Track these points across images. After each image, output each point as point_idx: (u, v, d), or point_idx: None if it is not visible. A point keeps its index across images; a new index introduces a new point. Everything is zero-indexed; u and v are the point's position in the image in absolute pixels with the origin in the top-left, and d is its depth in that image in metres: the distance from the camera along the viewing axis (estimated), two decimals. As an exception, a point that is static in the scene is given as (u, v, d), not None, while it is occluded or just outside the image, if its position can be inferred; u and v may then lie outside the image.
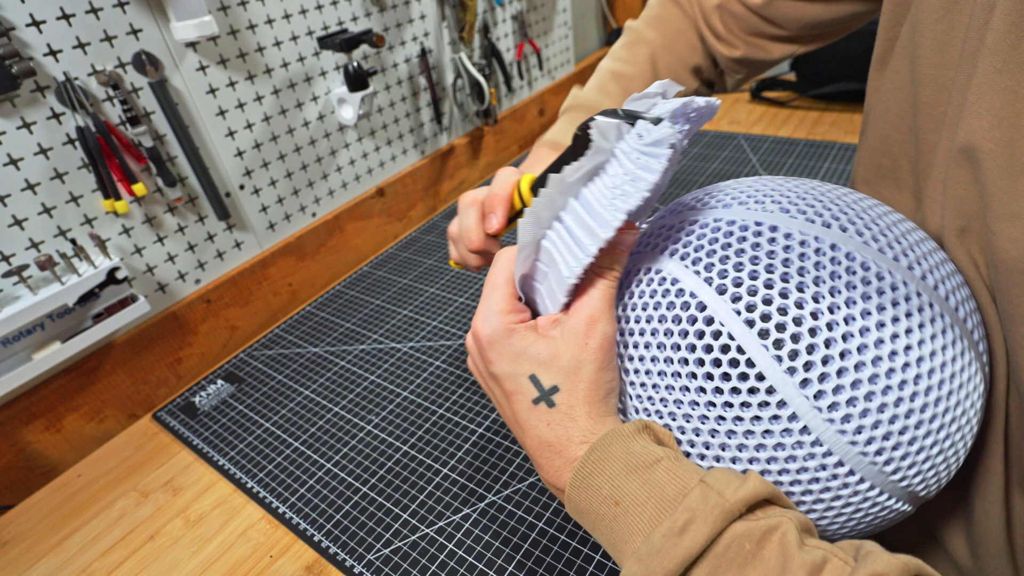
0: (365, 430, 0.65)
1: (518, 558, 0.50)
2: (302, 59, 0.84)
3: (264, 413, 0.69)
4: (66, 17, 0.61)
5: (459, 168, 1.17)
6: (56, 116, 0.61)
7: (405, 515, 0.55)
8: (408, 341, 0.77)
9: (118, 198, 0.66)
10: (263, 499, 0.59)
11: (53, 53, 0.60)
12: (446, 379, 0.70)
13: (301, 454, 0.63)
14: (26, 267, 0.61)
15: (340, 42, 0.81)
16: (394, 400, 0.68)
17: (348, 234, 0.97)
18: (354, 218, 0.97)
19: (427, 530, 0.54)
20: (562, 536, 0.51)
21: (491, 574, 0.49)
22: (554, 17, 1.35)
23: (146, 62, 0.67)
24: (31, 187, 0.61)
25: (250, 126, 0.80)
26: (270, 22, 0.79)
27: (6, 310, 0.59)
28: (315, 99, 0.87)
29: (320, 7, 0.84)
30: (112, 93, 0.65)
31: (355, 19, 0.90)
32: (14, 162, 0.60)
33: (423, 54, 1.02)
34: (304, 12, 0.82)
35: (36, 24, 0.59)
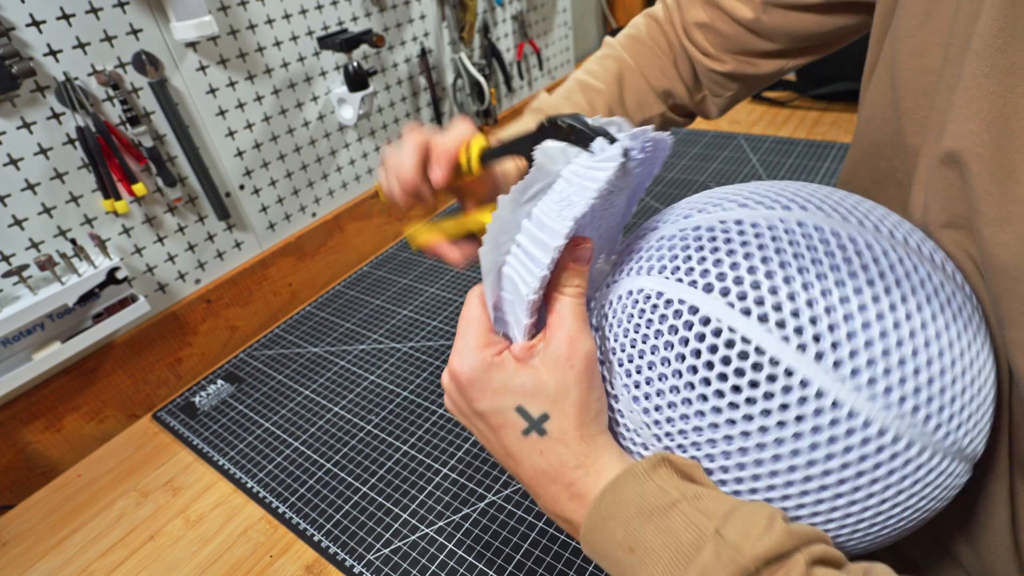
0: (365, 430, 0.65)
1: (518, 558, 0.50)
2: (302, 59, 0.84)
3: (264, 413, 0.69)
4: (66, 17, 0.61)
5: (459, 168, 1.17)
6: (56, 116, 0.61)
7: (405, 515, 0.55)
8: (408, 341, 0.77)
9: (118, 198, 0.66)
10: (263, 499, 0.59)
11: (53, 53, 0.60)
12: (446, 379, 0.70)
13: (301, 454, 0.63)
14: (26, 267, 0.61)
15: (340, 42, 0.81)
16: (394, 400, 0.69)
17: (348, 234, 0.97)
18: (354, 218, 0.97)
19: (427, 530, 0.54)
20: (562, 536, 0.51)
21: (491, 574, 0.49)
22: (554, 17, 1.35)
23: (146, 62, 0.67)
24: (31, 187, 0.61)
25: (250, 126, 0.80)
26: (270, 22, 0.79)
27: (6, 310, 0.59)
28: (315, 99, 0.87)
29: (320, 7, 0.84)
30: (112, 93, 0.65)
31: (355, 19, 0.90)
32: (14, 162, 0.60)
33: (423, 54, 1.02)
34: (304, 12, 0.82)
35: (36, 24, 0.59)
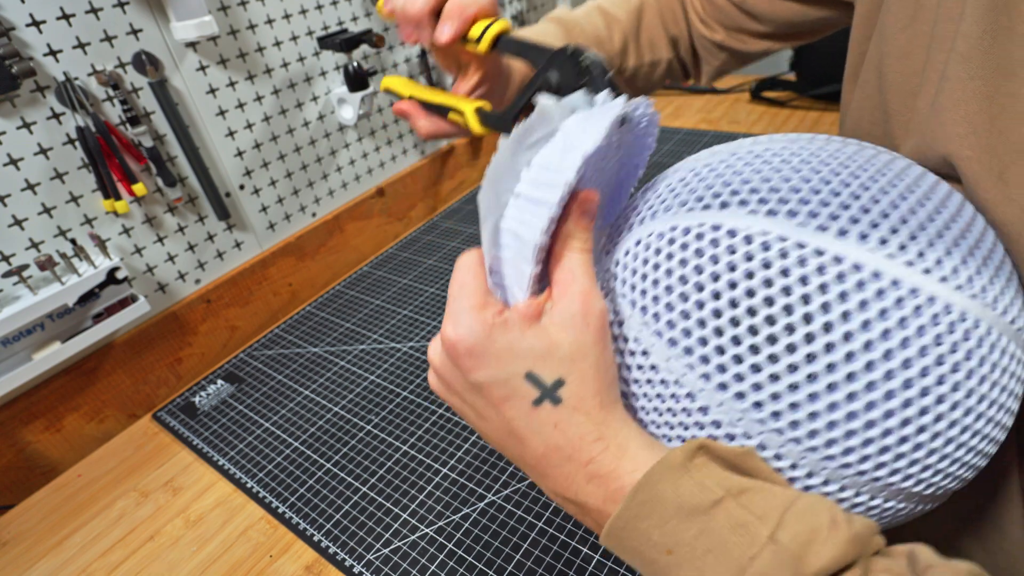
0: (365, 430, 0.65)
1: (518, 558, 0.50)
2: (302, 59, 0.84)
3: (264, 413, 0.69)
4: (66, 17, 0.61)
5: (459, 168, 1.17)
6: (56, 116, 0.61)
7: (405, 515, 0.55)
8: (408, 341, 0.77)
9: (118, 198, 0.66)
10: (263, 499, 0.59)
11: (53, 53, 0.60)
12: (446, 379, 0.70)
13: (301, 454, 0.63)
14: (26, 267, 0.61)
15: (340, 42, 0.81)
16: (394, 400, 0.68)
17: (348, 234, 0.97)
18: (354, 218, 0.97)
19: (427, 530, 0.54)
20: (562, 536, 0.51)
21: (491, 574, 0.49)
22: (554, 17, 1.35)
23: (146, 62, 0.67)
24: (31, 187, 0.61)
25: (250, 126, 0.80)
26: (270, 22, 0.79)
27: (6, 310, 0.59)
28: (315, 99, 0.87)
29: (320, 7, 0.84)
30: (112, 93, 0.65)
31: (355, 19, 0.90)
32: (14, 162, 0.60)
33: (423, 54, 1.02)
34: (304, 12, 0.82)
35: (36, 24, 0.59)
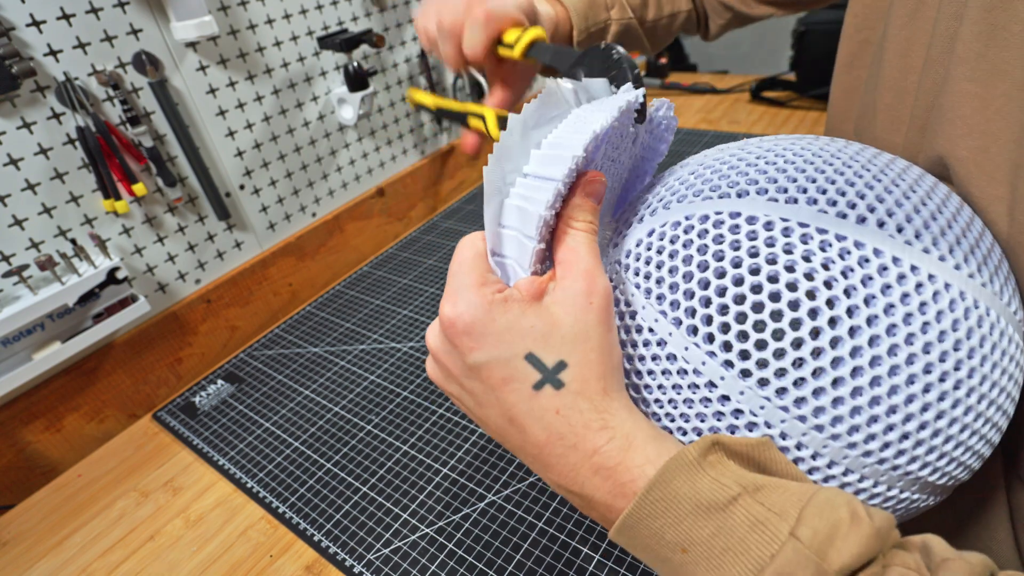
0: (365, 430, 0.65)
1: (518, 558, 0.50)
2: (302, 59, 0.84)
3: (264, 413, 0.69)
4: (66, 17, 0.61)
5: (459, 168, 1.17)
6: (56, 116, 0.61)
7: (405, 515, 0.55)
8: (408, 341, 0.77)
9: (118, 198, 0.66)
10: (263, 499, 0.59)
11: (53, 53, 0.60)
12: (446, 379, 0.70)
13: (301, 454, 0.63)
14: (26, 267, 0.61)
15: (340, 42, 0.81)
16: (394, 400, 0.68)
17: (348, 234, 0.97)
18: (354, 218, 0.97)
19: (427, 530, 0.54)
20: (562, 536, 0.51)
21: (491, 574, 0.49)
22: (554, 17, 1.35)
23: (146, 62, 0.67)
24: (31, 187, 0.61)
25: (250, 126, 0.80)
26: (270, 22, 0.79)
27: (6, 310, 0.59)
28: (315, 99, 0.87)
29: (320, 7, 0.84)
30: (112, 93, 0.65)
31: (355, 19, 0.90)
32: (14, 162, 0.60)
33: (423, 54, 1.02)
34: (304, 12, 0.82)
35: (36, 24, 0.59)
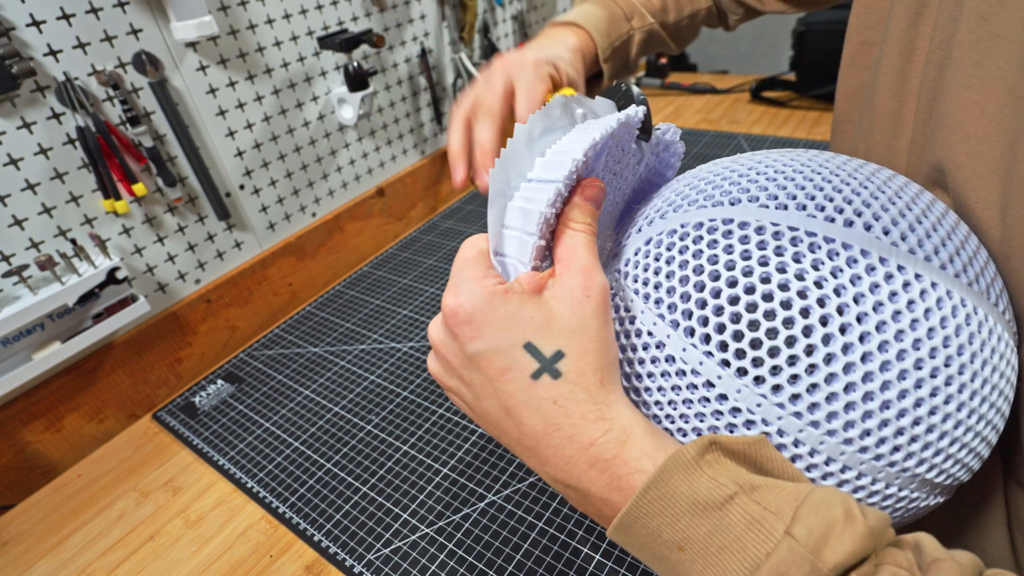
0: (365, 430, 0.65)
1: (518, 558, 0.50)
2: (302, 59, 0.84)
3: (264, 413, 0.69)
4: (66, 17, 0.61)
5: (459, 168, 1.17)
6: (56, 116, 0.61)
7: (405, 515, 0.55)
8: (408, 341, 0.77)
9: (118, 198, 0.66)
10: (263, 499, 0.59)
11: (53, 53, 0.60)
12: (446, 379, 0.70)
13: (301, 454, 0.63)
14: (26, 267, 0.61)
15: (340, 42, 0.81)
16: (394, 400, 0.68)
17: (348, 234, 0.97)
18: (354, 218, 0.97)
19: (427, 530, 0.54)
20: (562, 536, 0.51)
21: (491, 574, 0.49)
22: (554, 17, 1.35)
23: (146, 62, 0.67)
24: (31, 187, 0.61)
25: (250, 126, 0.80)
26: (270, 22, 0.79)
27: (6, 310, 0.59)
28: (315, 99, 0.87)
29: (320, 7, 0.84)
30: (112, 93, 0.65)
31: (355, 19, 0.90)
32: (14, 162, 0.60)
33: (423, 54, 1.02)
34: (304, 12, 0.82)
35: (36, 24, 0.59)
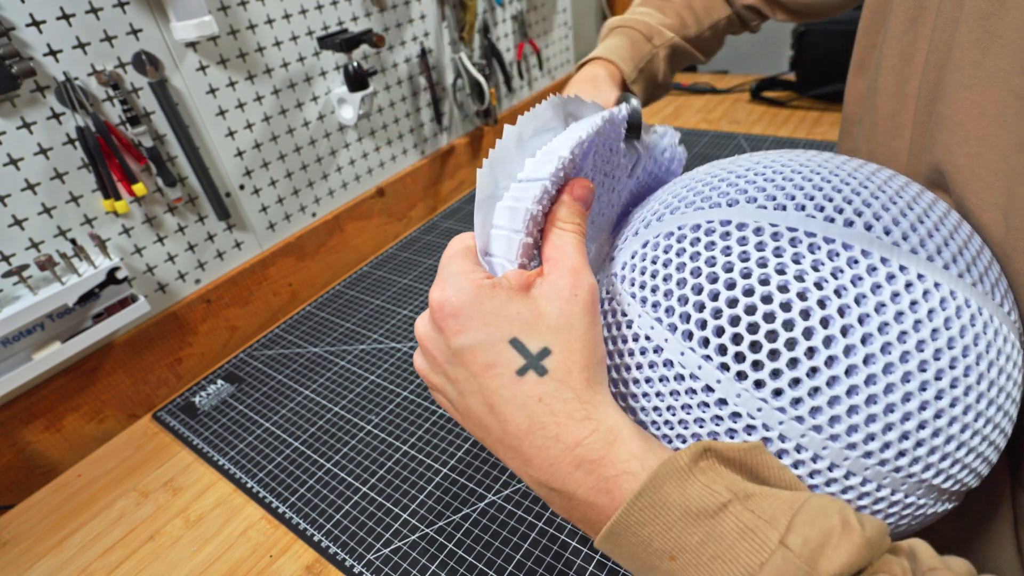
0: (365, 430, 0.65)
1: (518, 558, 0.50)
2: (302, 59, 0.84)
3: (264, 413, 0.69)
4: (66, 17, 0.61)
5: (459, 168, 1.17)
6: (56, 116, 0.61)
7: (405, 515, 0.55)
8: (408, 341, 0.77)
9: (118, 198, 0.66)
10: (263, 499, 0.59)
11: (53, 53, 0.60)
12: (446, 379, 0.70)
13: (301, 454, 0.63)
14: (26, 267, 0.61)
15: (340, 42, 0.81)
16: (394, 400, 0.68)
17: (348, 234, 0.97)
18: (354, 218, 0.97)
19: (427, 530, 0.54)
20: (562, 536, 0.51)
21: (491, 574, 0.49)
22: (554, 17, 1.35)
23: (146, 62, 0.67)
24: (31, 187, 0.61)
25: (250, 126, 0.80)
26: (270, 22, 0.79)
27: (6, 310, 0.59)
28: (315, 99, 0.87)
29: (320, 7, 0.84)
30: (112, 93, 0.65)
31: (355, 19, 0.90)
32: (14, 162, 0.60)
33: (423, 54, 1.02)
34: (304, 12, 0.82)
35: (36, 24, 0.59)
